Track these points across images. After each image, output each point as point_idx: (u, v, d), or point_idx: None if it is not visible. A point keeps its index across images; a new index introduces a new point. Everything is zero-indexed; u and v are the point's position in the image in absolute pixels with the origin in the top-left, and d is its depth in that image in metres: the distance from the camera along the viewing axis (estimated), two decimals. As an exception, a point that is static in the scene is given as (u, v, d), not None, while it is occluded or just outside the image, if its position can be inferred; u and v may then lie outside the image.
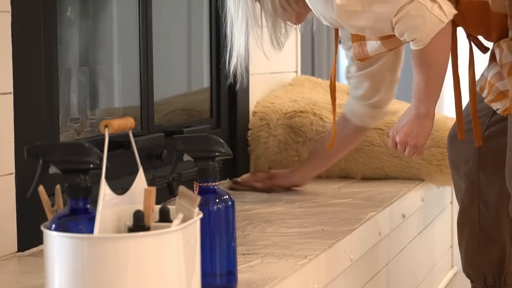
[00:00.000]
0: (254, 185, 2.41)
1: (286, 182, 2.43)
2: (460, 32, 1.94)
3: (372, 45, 1.97)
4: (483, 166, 2.04)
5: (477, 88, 1.95)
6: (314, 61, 4.63)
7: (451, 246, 3.01)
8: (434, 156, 2.55)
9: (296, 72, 3.13)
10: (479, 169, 2.05)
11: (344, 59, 2.39)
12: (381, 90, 2.26)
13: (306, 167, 2.47)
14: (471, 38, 1.96)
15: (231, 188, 2.43)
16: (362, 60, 2.05)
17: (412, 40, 1.78)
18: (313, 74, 4.40)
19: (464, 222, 2.12)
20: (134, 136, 1.28)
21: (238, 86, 2.10)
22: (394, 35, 1.82)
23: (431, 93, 1.90)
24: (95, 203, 1.13)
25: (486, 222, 2.07)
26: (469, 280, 2.16)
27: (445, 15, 1.75)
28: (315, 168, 2.48)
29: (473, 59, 1.95)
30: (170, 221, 1.17)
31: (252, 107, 2.76)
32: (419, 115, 1.92)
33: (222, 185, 2.49)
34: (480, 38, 1.96)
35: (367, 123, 2.34)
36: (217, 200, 1.38)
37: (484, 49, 1.97)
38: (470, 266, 2.11)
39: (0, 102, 1.67)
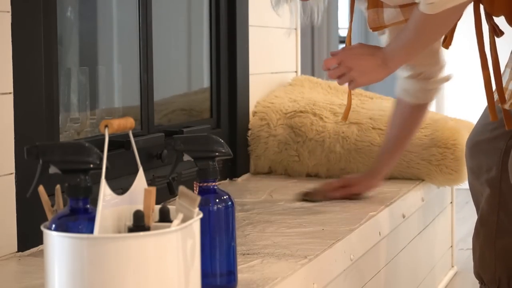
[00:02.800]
0: (330, 195, 2.26)
1: (363, 188, 2.29)
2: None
3: (390, 13, 1.91)
4: (506, 175, 1.93)
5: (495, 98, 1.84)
6: (314, 61, 4.63)
7: (451, 246, 3.01)
8: (434, 156, 2.55)
9: (296, 72, 3.13)
10: (502, 178, 1.96)
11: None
12: (427, 60, 2.14)
13: (378, 165, 2.33)
14: (489, 18, 1.87)
15: (303, 200, 2.25)
16: (375, 29, 1.97)
17: (428, 2, 1.70)
18: (313, 74, 4.41)
19: (481, 228, 2.03)
20: (134, 136, 1.28)
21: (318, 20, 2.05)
22: (414, 3, 1.76)
23: (408, 55, 1.85)
24: (95, 203, 1.13)
25: (505, 231, 1.99)
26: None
27: None
28: (386, 164, 2.32)
29: (494, 40, 1.87)
30: (170, 221, 1.17)
31: (252, 107, 2.76)
32: (383, 61, 1.85)
33: (222, 185, 2.49)
34: (497, 21, 1.87)
35: (423, 99, 2.22)
36: (217, 200, 1.37)
37: (499, 32, 1.88)
38: (484, 270, 2.03)
39: (0, 102, 1.67)
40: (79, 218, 1.13)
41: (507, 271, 2.01)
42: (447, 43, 1.96)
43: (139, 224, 1.13)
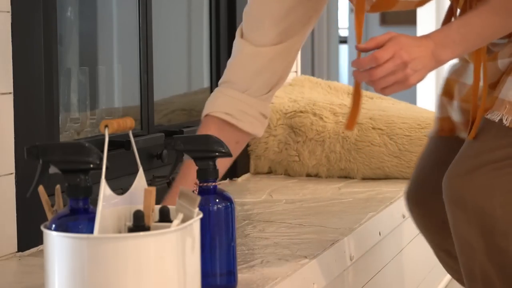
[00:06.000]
0: None
1: None
2: None
3: None
4: None
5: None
6: (314, 61, 4.64)
7: (451, 246, 3.01)
8: (434, 156, 2.55)
9: (296, 72, 3.13)
10: None
11: (344, 60, 2.38)
12: (282, 64, 1.71)
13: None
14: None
15: None
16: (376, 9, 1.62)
17: None
18: (313, 74, 4.41)
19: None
20: (134, 136, 1.28)
21: None
22: None
23: (474, 44, 1.47)
24: (95, 203, 1.13)
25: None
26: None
27: None
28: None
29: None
30: (170, 221, 1.17)
31: (252, 107, 2.76)
32: (433, 52, 1.43)
33: (222, 185, 2.49)
34: None
35: (259, 129, 1.74)
36: (217, 200, 1.38)
37: None
38: None
39: (0, 102, 1.67)
40: (79, 218, 1.13)
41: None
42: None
43: (139, 224, 1.13)
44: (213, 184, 1.38)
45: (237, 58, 1.67)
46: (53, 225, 1.12)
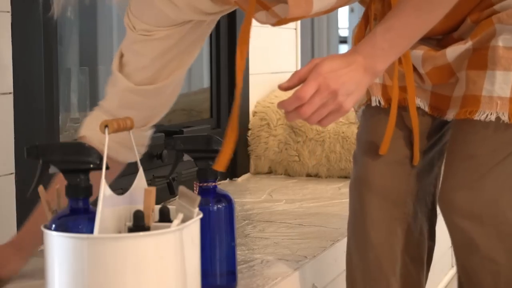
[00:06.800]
0: None
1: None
2: None
3: None
4: None
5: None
6: (314, 61, 4.63)
7: (451, 246, 3.01)
8: (434, 156, 2.55)
9: (296, 72, 3.13)
10: None
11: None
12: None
13: (26, 236, 1.56)
14: None
15: None
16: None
17: None
18: (313, 74, 4.40)
19: None
20: (134, 136, 1.28)
21: None
22: None
23: (403, 46, 1.32)
24: (95, 203, 1.13)
25: None
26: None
27: None
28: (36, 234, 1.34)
29: None
30: (170, 221, 1.17)
31: (252, 107, 2.76)
32: (366, 66, 1.27)
33: (222, 185, 2.49)
34: None
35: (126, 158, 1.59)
36: (217, 200, 1.38)
37: None
38: None
39: (0, 102, 1.67)
40: (79, 218, 1.13)
41: None
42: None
43: (139, 224, 1.13)
44: (213, 184, 1.38)
45: (114, 89, 1.56)
46: (53, 225, 1.12)
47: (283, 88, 1.31)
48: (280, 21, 1.47)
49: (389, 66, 1.35)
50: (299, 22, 3.19)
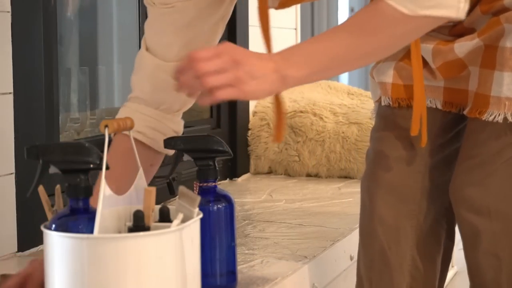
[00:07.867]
0: None
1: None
2: None
3: None
4: None
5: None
6: (314, 61, 4.62)
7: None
8: (434, 156, 2.55)
9: (296, 72, 3.12)
10: None
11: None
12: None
13: None
14: None
15: None
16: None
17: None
18: (313, 74, 4.40)
19: None
20: (134, 136, 1.28)
21: None
22: None
23: (325, 61, 1.26)
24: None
25: None
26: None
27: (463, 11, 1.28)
28: None
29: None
30: (170, 221, 1.17)
31: (252, 107, 2.76)
32: (277, 68, 1.22)
33: (222, 185, 2.49)
34: None
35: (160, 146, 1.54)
36: (217, 200, 1.38)
37: None
38: None
39: (0, 102, 1.67)
40: (79, 218, 1.13)
41: None
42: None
43: (139, 224, 1.13)
44: (213, 184, 1.38)
45: (143, 72, 1.53)
46: (53, 225, 1.12)
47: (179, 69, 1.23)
48: (282, 3, 1.46)
49: (400, 64, 1.40)
50: (299, 22, 3.19)
